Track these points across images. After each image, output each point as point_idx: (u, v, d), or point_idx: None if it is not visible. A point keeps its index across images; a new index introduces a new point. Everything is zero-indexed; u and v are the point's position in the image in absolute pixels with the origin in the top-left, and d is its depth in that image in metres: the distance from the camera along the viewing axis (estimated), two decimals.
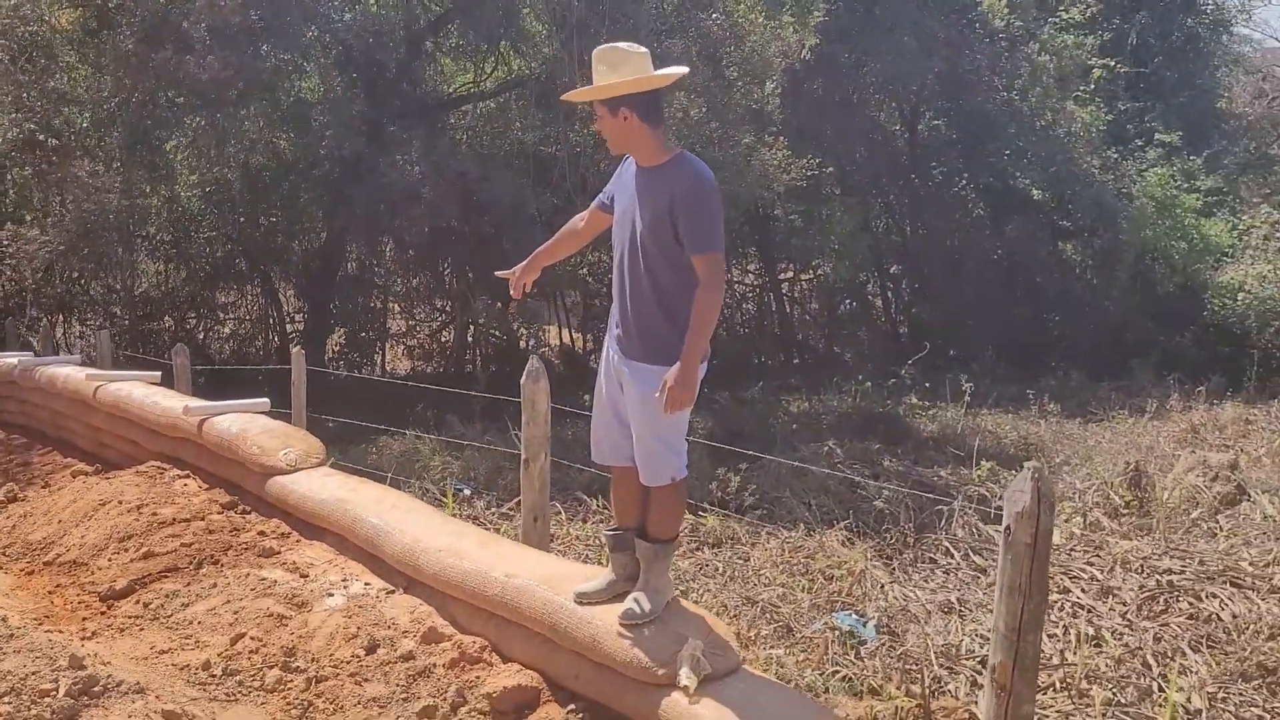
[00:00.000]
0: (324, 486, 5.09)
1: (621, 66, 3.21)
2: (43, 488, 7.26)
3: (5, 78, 11.18)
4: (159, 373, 7.87)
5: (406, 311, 18.24)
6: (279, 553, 4.87)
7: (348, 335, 16.98)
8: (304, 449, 5.54)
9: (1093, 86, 18.74)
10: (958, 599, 6.49)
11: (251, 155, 14.50)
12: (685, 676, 3.18)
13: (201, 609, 4.39)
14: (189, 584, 4.65)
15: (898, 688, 5.25)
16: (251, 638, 4.07)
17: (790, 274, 20.66)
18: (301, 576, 4.58)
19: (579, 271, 17.19)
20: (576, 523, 8.17)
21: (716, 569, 7.10)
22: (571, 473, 10.00)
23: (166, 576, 4.81)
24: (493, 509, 8.47)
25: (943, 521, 8.05)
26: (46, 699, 2.87)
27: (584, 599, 3.54)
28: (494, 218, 13.23)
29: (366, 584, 4.45)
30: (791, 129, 16.44)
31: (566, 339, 19.26)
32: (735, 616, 6.07)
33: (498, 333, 18.17)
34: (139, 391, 7.09)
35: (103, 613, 4.59)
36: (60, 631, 3.84)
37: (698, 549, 7.67)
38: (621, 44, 3.31)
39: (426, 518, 4.60)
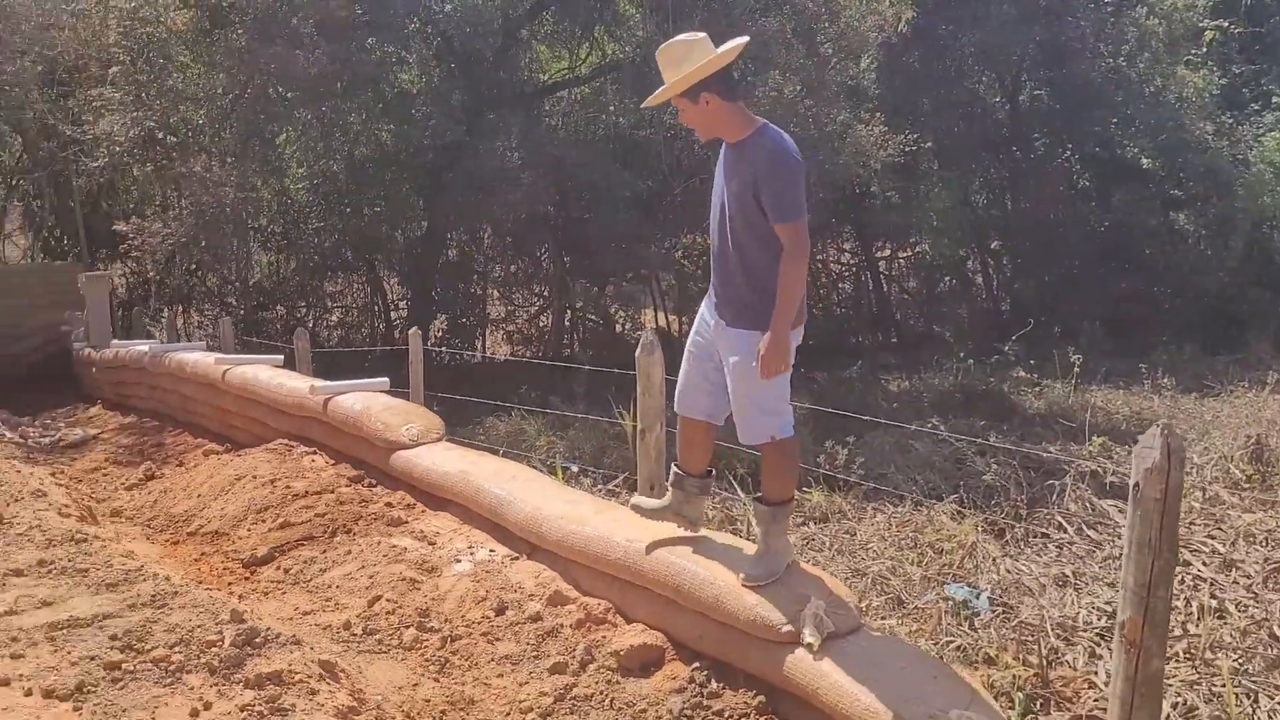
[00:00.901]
0: (446, 460, 5.30)
1: (689, 57, 3.31)
2: (178, 466, 7.67)
3: (126, 78, 11.74)
4: (281, 357, 8.23)
5: (505, 297, 18.57)
6: (407, 522, 5.10)
7: (449, 321, 17.38)
8: (425, 425, 5.77)
9: (1205, 50, 18.10)
10: (1072, 572, 6.43)
11: (356, 147, 14.94)
12: (809, 634, 3.27)
13: (338, 574, 4.63)
14: (324, 551, 4.91)
15: (1014, 658, 5.26)
16: (387, 600, 4.28)
17: (887, 252, 20.45)
18: (429, 544, 4.79)
19: (674, 254, 17.33)
20: None
21: (823, 543, 7.15)
22: (675, 448, 10.15)
23: (303, 544, 5.08)
24: (599, 485, 8.64)
25: (1054, 496, 7.96)
26: (214, 649, 3.10)
27: (639, 510, 3.93)
28: (589, 202, 13.42)
29: (491, 550, 4.63)
30: (887, 104, 16.26)
31: (662, 322, 19.38)
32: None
33: (594, 317, 18.41)
34: (265, 374, 7.44)
35: (246, 578, 4.87)
36: (216, 591, 4.10)
37: (803, 524, 7.73)
38: (679, 36, 3.38)
39: (544, 487, 4.77)
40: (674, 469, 3.89)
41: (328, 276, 17.08)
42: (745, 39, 3.44)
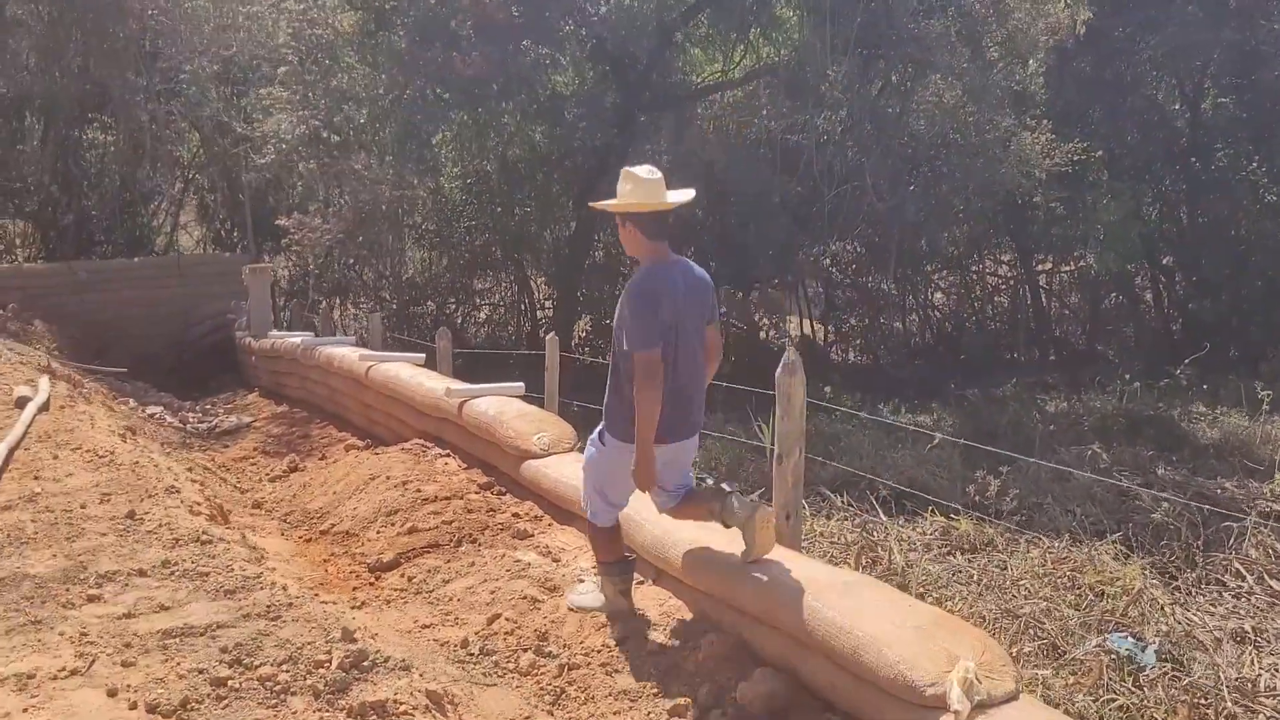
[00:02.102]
0: (576, 472, 5.09)
1: (636, 190, 3.77)
2: (320, 460, 7.75)
3: (294, 78, 12.07)
4: (423, 355, 8.24)
5: None
6: (532, 535, 4.93)
7: (594, 322, 17.34)
8: (556, 434, 5.59)
9: None
10: (1252, 628, 5.81)
11: (509, 148, 15.07)
12: (957, 700, 2.91)
13: (460, 586, 4.49)
14: (449, 561, 4.78)
15: None
16: (507, 619, 4.11)
17: (1048, 265, 19.41)
18: (554, 560, 4.60)
19: (822, 261, 16.85)
20: (820, 519, 7.90)
21: (971, 576, 6.67)
22: (814, 467, 9.75)
23: (428, 552, 4.96)
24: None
25: (1232, 540, 7.25)
26: (321, 670, 2.96)
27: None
28: (739, 207, 13.11)
29: None
30: (1055, 110, 15.39)
31: (807, 329, 18.90)
32: (994, 630, 5.67)
33: (738, 323, 18.07)
34: (406, 372, 7.43)
35: (371, 583, 4.78)
36: (334, 603, 4.01)
37: (949, 553, 7.26)
38: (637, 169, 3.83)
39: None
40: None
41: (477, 274, 17.28)
42: (689, 194, 3.94)
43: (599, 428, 3.96)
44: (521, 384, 6.53)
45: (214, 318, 14.51)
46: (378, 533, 5.30)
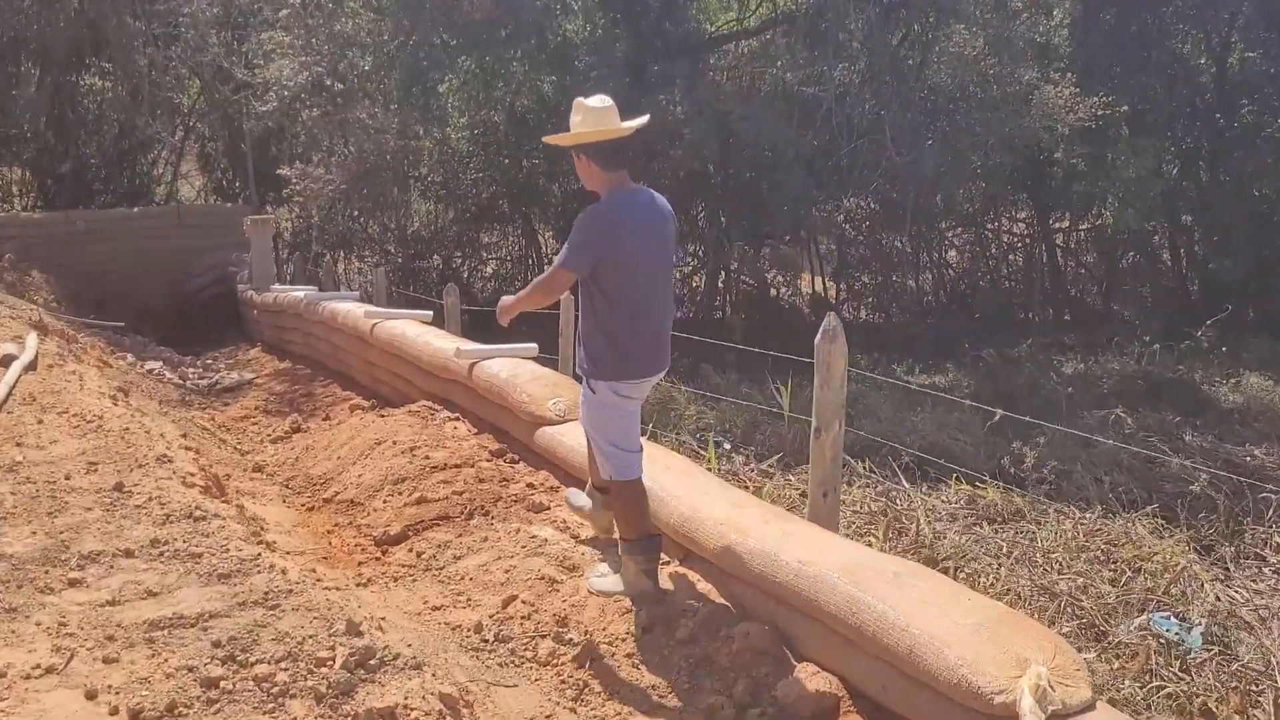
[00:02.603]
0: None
1: (586, 119, 3.60)
2: (324, 420, 7.44)
3: (296, 22, 11.59)
4: (430, 312, 7.89)
5: None
6: (548, 508, 4.62)
7: None
8: (573, 399, 5.25)
9: None
10: None
11: (517, 98, 14.57)
12: (1030, 710, 2.61)
13: (473, 564, 4.19)
14: (460, 535, 4.47)
15: (1238, 711, 4.46)
16: (523, 601, 3.80)
17: (1065, 223, 18.97)
18: (572, 537, 4.29)
19: (836, 217, 16.42)
20: (843, 486, 7.54)
21: (1000, 548, 6.38)
22: None
23: (438, 524, 4.66)
24: (751, 465, 8.05)
25: (1271, 511, 6.94)
26: (323, 669, 2.66)
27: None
28: (752, 160, 12.66)
29: None
30: (1078, 63, 14.89)
31: (819, 287, 18.52)
32: (1032, 608, 5.38)
33: (749, 280, 17.69)
34: (412, 330, 7.09)
35: (377, 558, 4.49)
36: (338, 587, 3.71)
37: (976, 523, 6.98)
38: (587, 99, 3.66)
39: (703, 483, 4.19)
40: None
41: (484, 227, 16.87)
42: (642, 120, 3.75)
43: (585, 381, 3.78)
44: (535, 345, 6.19)
45: (215, 269, 14.15)
46: (384, 502, 4.99)
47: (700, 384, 10.58)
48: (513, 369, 5.61)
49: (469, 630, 3.67)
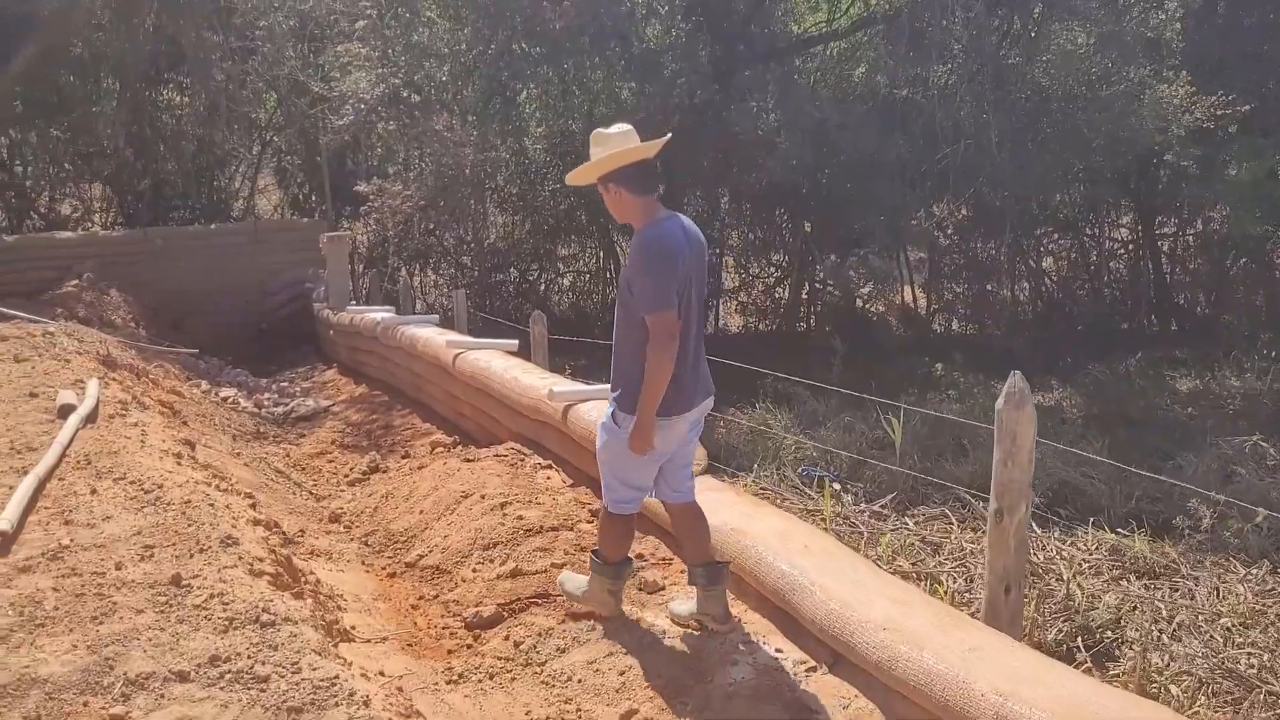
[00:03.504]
0: (711, 507, 4.12)
1: (601, 148, 3.44)
2: (403, 458, 6.92)
3: (373, 33, 11.17)
4: (515, 342, 7.33)
5: (741, 266, 17.34)
6: (664, 588, 3.98)
7: None
8: None
9: None
10: None
11: (595, 105, 14.00)
12: None
13: (580, 660, 3.57)
14: (563, 620, 3.86)
15: None
16: (644, 717, 3.18)
17: (1171, 229, 17.84)
18: (694, 630, 3.65)
19: (929, 227, 15.58)
20: (967, 531, 6.81)
21: (1158, 611, 5.59)
22: (942, 463, 8.67)
23: (536, 604, 4.05)
24: (861, 506, 7.33)
25: None
26: None
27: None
28: (847, 167, 11.91)
29: (778, 650, 3.44)
30: (1190, 59, 13.86)
31: (908, 298, 17.66)
32: (1212, 692, 4.62)
33: (835, 291, 16.90)
34: (498, 364, 6.52)
35: (469, 645, 3.89)
36: (423, 690, 3.13)
37: (1122, 577, 6.19)
38: (606, 129, 3.51)
39: (850, 569, 3.52)
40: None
41: (561, 240, 16.35)
42: (664, 139, 3.55)
43: (609, 410, 3.59)
44: None
45: (291, 286, 13.83)
46: (474, 571, 4.40)
47: (799, 411, 9.87)
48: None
49: None
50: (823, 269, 16.36)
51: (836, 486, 7.26)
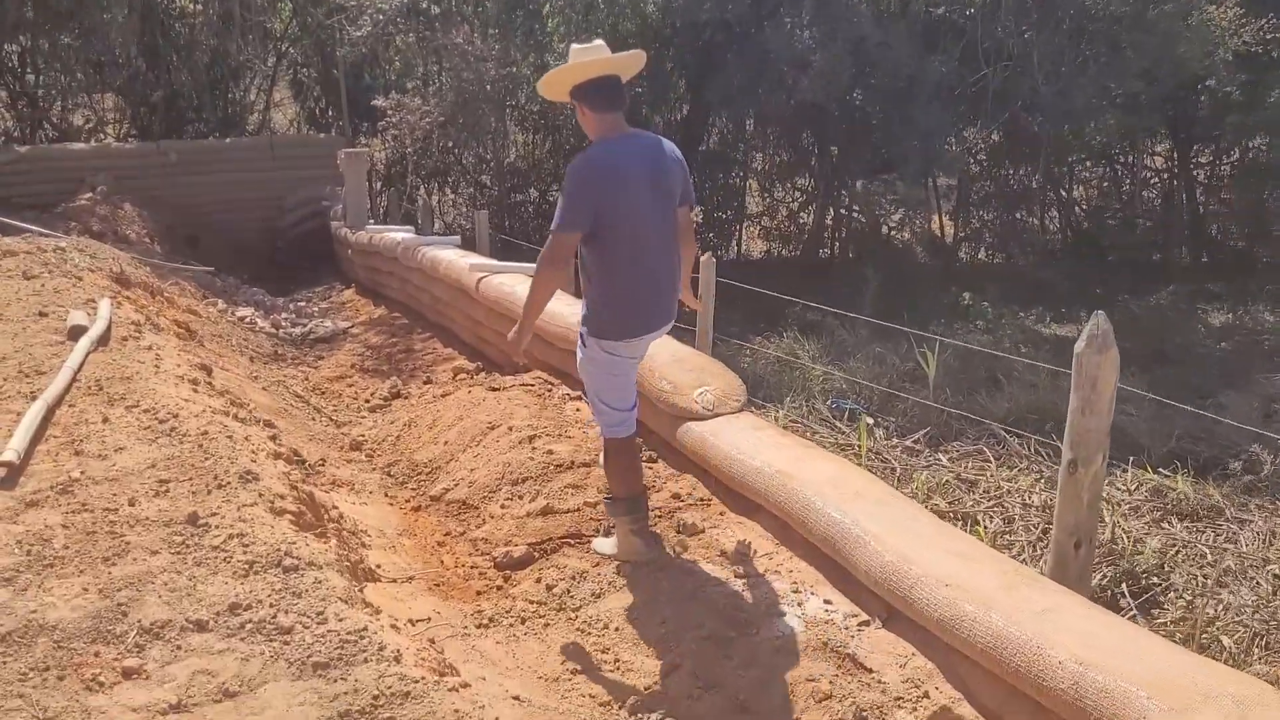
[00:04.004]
0: (754, 447, 3.91)
1: (575, 63, 3.37)
2: (424, 384, 6.71)
3: None
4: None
5: (765, 190, 16.91)
6: (702, 531, 3.78)
7: (704, 214, 15.96)
8: (721, 388, 4.39)
9: None
10: None
11: (620, 21, 13.49)
12: None
13: (617, 606, 3.38)
14: (597, 563, 3.67)
15: None
16: (689, 672, 2.99)
17: (1207, 158, 17.27)
18: (739, 575, 3.45)
19: (957, 151, 15.10)
20: (1003, 469, 6.58)
21: (1202, 555, 5.41)
22: (976, 396, 8.42)
23: (569, 544, 3.86)
24: (893, 438, 7.11)
25: None
26: None
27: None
28: (884, 88, 11.43)
29: (827, 603, 3.24)
30: None
31: (934, 226, 17.21)
32: (1266, 644, 4.44)
33: (860, 216, 16.48)
34: (523, 288, 6.26)
35: (498, 586, 3.71)
36: (453, 635, 2.95)
37: (1163, 519, 5.99)
38: (581, 45, 3.45)
39: (908, 517, 3.30)
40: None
41: None
42: (632, 54, 3.52)
43: (581, 329, 3.58)
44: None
45: (309, 204, 13.52)
46: (502, 507, 4.21)
47: (826, 340, 9.61)
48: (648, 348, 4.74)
49: (618, 708, 2.88)
50: (849, 194, 15.94)
51: (869, 420, 7.03)
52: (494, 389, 5.70)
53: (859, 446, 5.98)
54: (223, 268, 11.87)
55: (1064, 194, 17.32)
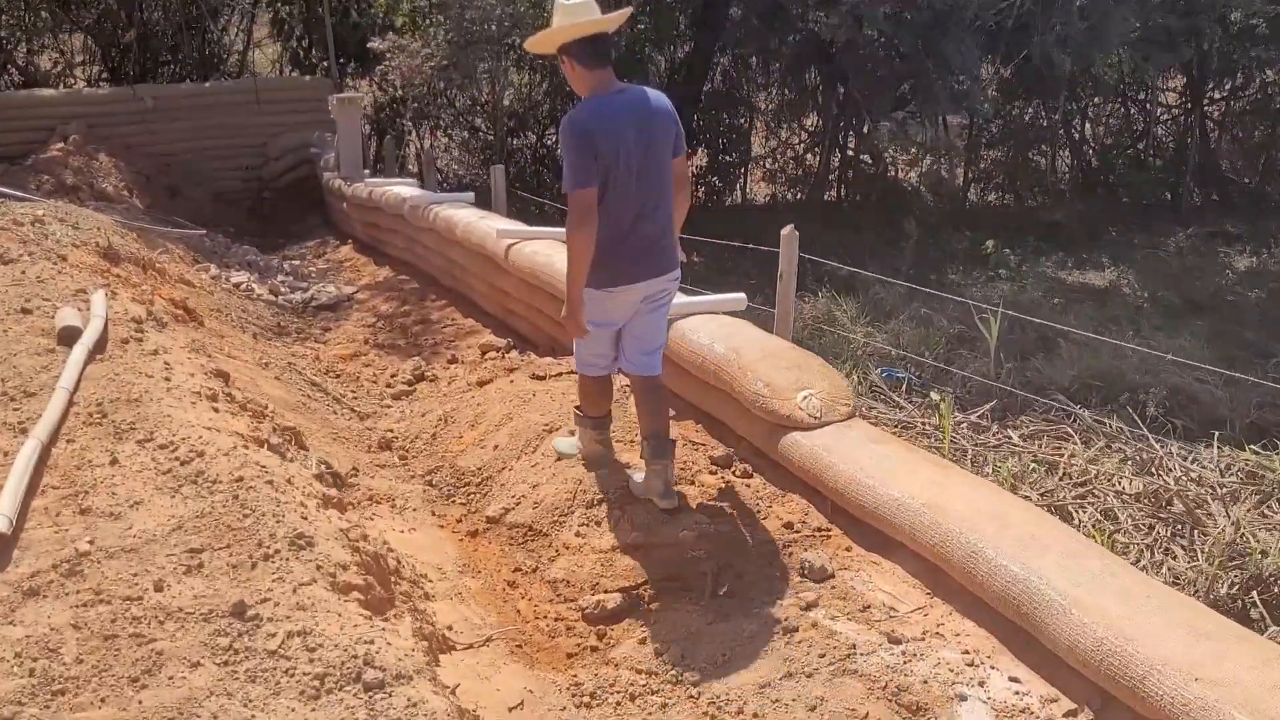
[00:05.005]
0: (883, 468, 3.27)
1: (561, 16, 3.35)
2: (450, 362, 6.03)
3: None
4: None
5: (772, 132, 16.11)
6: (833, 575, 3.15)
7: (710, 158, 15.19)
8: (827, 390, 3.74)
9: None
10: None
11: None
12: None
13: (749, 681, 2.76)
14: (712, 620, 3.03)
15: None
16: None
17: (1223, 94, 16.61)
18: (893, 641, 2.83)
19: (972, 88, 14.33)
20: (1072, 443, 5.99)
21: None
22: (1028, 363, 7.83)
23: (669, 588, 3.23)
24: (956, 414, 6.51)
25: None
26: None
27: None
28: (917, 23, 10.60)
29: (1013, 680, 2.63)
30: None
31: (944, 170, 16.46)
32: None
33: (867, 159, 15.73)
34: (562, 259, 5.55)
35: (593, 647, 3.07)
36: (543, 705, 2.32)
37: (1262, 503, 5.47)
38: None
39: (1106, 573, 2.67)
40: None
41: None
42: (624, 13, 3.59)
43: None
44: (743, 295, 4.62)
45: (295, 151, 12.62)
46: (578, 536, 3.55)
47: (863, 299, 8.94)
48: (731, 339, 4.07)
49: None
50: (858, 137, 15.19)
51: (936, 398, 6.41)
52: (537, 377, 5.02)
53: (944, 437, 5.36)
54: (205, 220, 11.04)
55: (1076, 133, 16.64)
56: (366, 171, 10.69)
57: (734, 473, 3.80)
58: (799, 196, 15.81)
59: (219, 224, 11.40)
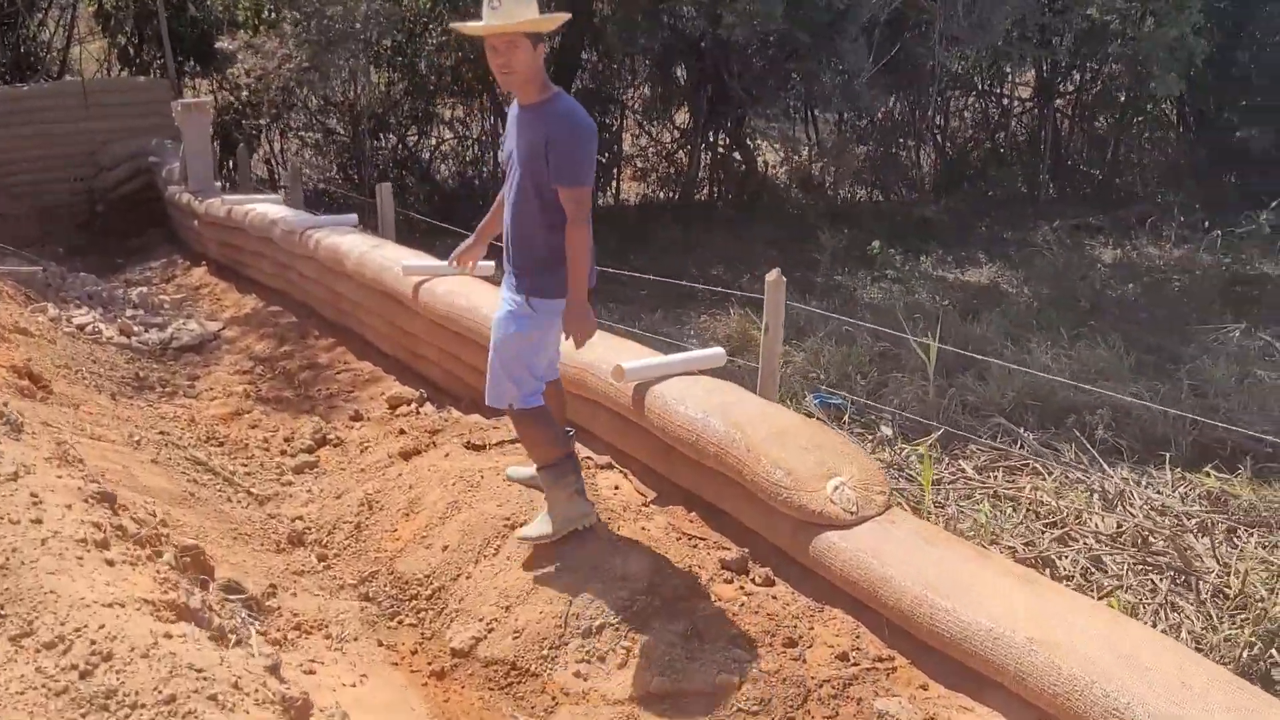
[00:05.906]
0: (954, 579, 2.69)
1: (524, 6, 3.04)
2: (353, 419, 5.17)
3: None
4: (492, 262, 5.52)
5: (642, 130, 15.53)
6: None
7: None
8: (858, 475, 3.12)
9: None
10: None
11: None
12: None
13: None
14: None
15: None
16: None
17: (1073, 86, 17.00)
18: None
19: (839, 82, 14.10)
20: (1026, 475, 5.70)
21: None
22: (952, 384, 7.47)
23: None
24: (899, 443, 6.12)
25: None
26: None
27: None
28: (815, 21, 10.16)
29: None
30: None
31: (816, 170, 16.21)
32: None
33: (738, 157, 15.33)
34: (481, 299, 4.77)
35: None
36: None
37: (1232, 532, 5.30)
38: None
39: (1134, 641, 2.17)
40: None
41: (444, 101, 14.06)
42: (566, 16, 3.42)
43: (513, 299, 3.26)
44: (722, 350, 3.95)
45: (131, 160, 11.23)
46: (579, 676, 2.83)
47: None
48: (728, 412, 3.39)
49: None
50: (731, 136, 14.76)
51: (888, 432, 5.92)
52: (474, 446, 4.24)
53: (923, 484, 4.85)
54: (29, 239, 9.66)
55: (939, 126, 16.72)
56: (219, 184, 9.51)
57: (754, 580, 3.14)
58: (673, 196, 15.29)
59: (45, 242, 10.02)
